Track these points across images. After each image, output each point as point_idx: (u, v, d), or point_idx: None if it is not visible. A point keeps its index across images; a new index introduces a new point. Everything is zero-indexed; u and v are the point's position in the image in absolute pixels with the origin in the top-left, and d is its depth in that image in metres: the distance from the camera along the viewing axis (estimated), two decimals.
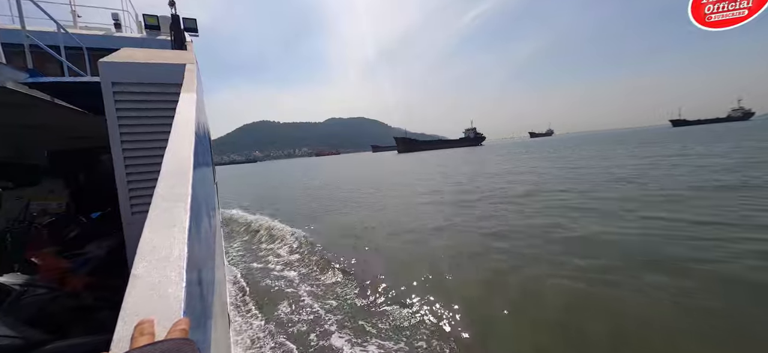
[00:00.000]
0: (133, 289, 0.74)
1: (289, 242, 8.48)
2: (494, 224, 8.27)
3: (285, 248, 8.18)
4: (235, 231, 11.02)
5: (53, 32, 3.79)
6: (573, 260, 5.44)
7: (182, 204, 1.06)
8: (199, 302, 1.03)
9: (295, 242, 8.40)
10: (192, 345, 0.55)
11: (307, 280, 5.99)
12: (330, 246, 7.60)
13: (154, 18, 5.93)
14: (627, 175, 13.75)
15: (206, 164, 2.30)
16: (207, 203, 1.80)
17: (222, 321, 2.01)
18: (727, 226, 6.32)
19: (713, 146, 23.87)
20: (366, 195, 15.84)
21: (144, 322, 0.62)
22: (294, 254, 7.67)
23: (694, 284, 4.36)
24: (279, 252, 8.00)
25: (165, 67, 2.53)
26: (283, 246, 8.37)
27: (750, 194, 8.46)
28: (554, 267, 5.27)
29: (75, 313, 2.55)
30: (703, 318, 3.70)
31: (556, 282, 4.79)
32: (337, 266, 6.36)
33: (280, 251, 8.11)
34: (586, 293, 4.45)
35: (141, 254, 0.83)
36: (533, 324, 3.99)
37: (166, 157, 1.33)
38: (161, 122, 2.46)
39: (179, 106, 1.84)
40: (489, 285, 5.02)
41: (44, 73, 2.95)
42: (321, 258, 6.93)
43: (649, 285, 4.41)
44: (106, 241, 3.59)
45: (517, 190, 12.87)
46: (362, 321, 4.34)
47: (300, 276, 6.22)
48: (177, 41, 4.49)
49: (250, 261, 7.53)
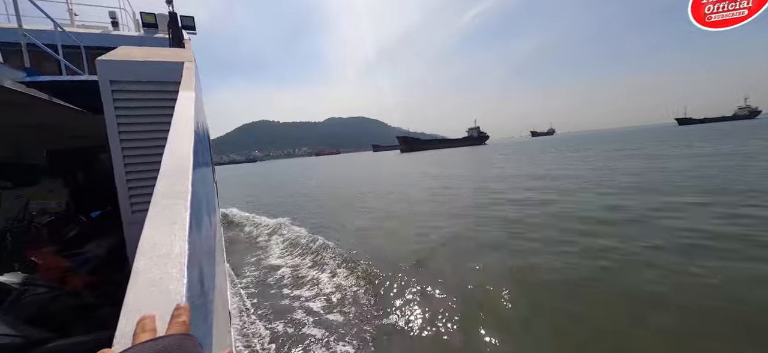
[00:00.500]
0: (135, 285, 0.74)
1: (290, 241, 8.50)
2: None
3: (284, 247, 8.20)
4: (234, 231, 11.03)
5: (50, 31, 3.77)
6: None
7: (182, 202, 1.06)
8: (200, 298, 1.03)
9: (296, 241, 8.42)
10: (193, 340, 0.55)
11: (306, 279, 6.00)
12: (338, 247, 7.55)
13: (151, 16, 5.90)
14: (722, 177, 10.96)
15: (205, 162, 2.30)
16: (207, 201, 1.80)
17: (223, 317, 2.02)
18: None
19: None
20: (390, 203, 12.84)
21: (145, 318, 0.62)
22: (293, 254, 7.69)
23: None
24: (278, 252, 8.02)
25: (163, 65, 2.53)
26: (283, 246, 8.39)
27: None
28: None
29: (76, 312, 2.55)
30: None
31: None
32: (345, 267, 6.37)
33: (278, 250, 8.12)
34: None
35: (142, 251, 0.84)
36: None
37: (165, 155, 1.33)
38: (160, 120, 2.46)
39: (178, 104, 1.83)
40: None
41: (42, 72, 2.94)
42: (322, 259, 6.94)
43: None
44: (106, 240, 3.60)
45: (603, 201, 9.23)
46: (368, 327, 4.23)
47: (299, 275, 6.24)
48: (175, 39, 4.47)
49: (250, 261, 7.54)
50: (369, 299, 4.92)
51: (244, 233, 10.36)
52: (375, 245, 7.47)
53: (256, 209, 14.31)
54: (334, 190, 19.57)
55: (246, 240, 9.55)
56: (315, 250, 7.41)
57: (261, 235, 9.73)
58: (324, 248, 7.39)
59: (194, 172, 1.28)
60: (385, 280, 5.39)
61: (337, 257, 6.68)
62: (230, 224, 11.92)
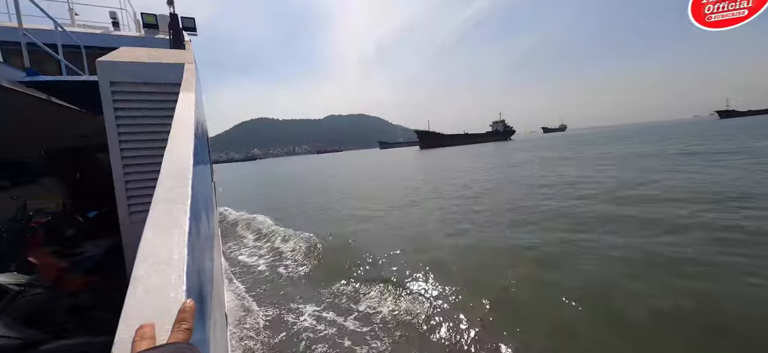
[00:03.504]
0: (134, 292, 0.74)
1: (291, 243, 8.47)
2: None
3: (284, 247, 8.17)
4: (230, 230, 11.00)
5: (51, 30, 3.77)
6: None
7: (182, 206, 1.06)
8: (198, 302, 1.03)
9: (299, 243, 8.39)
10: (193, 350, 0.55)
11: (304, 278, 5.99)
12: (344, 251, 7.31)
13: (152, 17, 5.91)
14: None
15: (204, 162, 2.30)
16: (206, 202, 1.80)
17: (220, 321, 2.01)
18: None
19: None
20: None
21: (145, 326, 0.62)
22: (291, 253, 7.67)
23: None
24: (277, 250, 8.00)
25: (164, 66, 2.53)
26: (281, 244, 8.37)
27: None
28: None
29: (73, 313, 2.54)
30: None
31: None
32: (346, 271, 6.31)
33: (277, 248, 8.10)
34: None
35: (141, 256, 0.84)
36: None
37: (165, 158, 1.32)
38: (160, 122, 2.46)
39: (178, 106, 1.83)
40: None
41: (42, 71, 2.94)
42: (324, 263, 6.92)
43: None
44: (103, 241, 3.58)
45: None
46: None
47: (298, 276, 6.22)
48: (175, 40, 4.47)
49: (248, 259, 7.52)
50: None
51: (243, 232, 10.32)
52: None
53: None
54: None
55: (245, 239, 9.50)
56: (321, 255, 7.26)
57: (260, 233, 9.63)
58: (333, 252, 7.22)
59: (194, 174, 1.28)
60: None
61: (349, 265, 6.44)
62: (228, 223, 11.86)
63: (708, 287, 4.36)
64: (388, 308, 4.63)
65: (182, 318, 0.65)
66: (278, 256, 7.56)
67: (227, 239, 9.69)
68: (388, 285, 5.24)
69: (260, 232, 9.88)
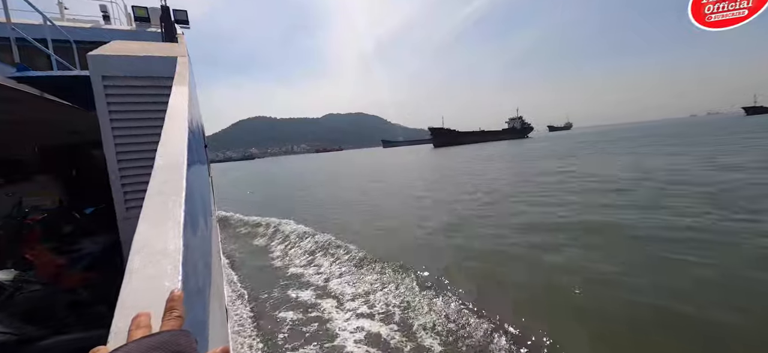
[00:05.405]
0: (129, 283, 0.74)
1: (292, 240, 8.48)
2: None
3: (283, 246, 8.19)
4: (229, 230, 11.00)
5: (40, 25, 3.70)
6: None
7: (176, 198, 1.05)
8: (195, 294, 1.03)
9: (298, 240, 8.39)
10: (188, 336, 0.55)
11: (304, 278, 6.02)
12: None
13: (143, 10, 5.81)
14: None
15: (200, 159, 2.29)
16: (202, 197, 1.79)
17: (220, 315, 2.02)
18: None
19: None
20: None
21: (140, 315, 0.62)
22: (290, 253, 7.69)
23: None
24: (275, 250, 8.02)
25: (156, 60, 2.49)
26: (281, 244, 8.38)
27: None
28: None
29: (70, 309, 2.55)
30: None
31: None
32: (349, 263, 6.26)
33: (275, 248, 8.12)
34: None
35: (136, 248, 0.83)
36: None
37: (159, 151, 1.31)
38: (153, 116, 2.43)
39: (171, 99, 1.81)
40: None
41: (33, 67, 2.89)
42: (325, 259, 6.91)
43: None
44: (100, 237, 3.58)
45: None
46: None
47: (296, 275, 6.25)
48: (168, 33, 4.41)
49: (246, 258, 7.54)
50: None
51: (242, 232, 10.33)
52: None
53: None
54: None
55: (244, 239, 9.52)
56: (322, 252, 7.26)
57: (260, 234, 9.62)
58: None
59: (188, 168, 1.27)
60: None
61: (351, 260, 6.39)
62: (226, 223, 11.86)
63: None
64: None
65: (171, 306, 0.65)
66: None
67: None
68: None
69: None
